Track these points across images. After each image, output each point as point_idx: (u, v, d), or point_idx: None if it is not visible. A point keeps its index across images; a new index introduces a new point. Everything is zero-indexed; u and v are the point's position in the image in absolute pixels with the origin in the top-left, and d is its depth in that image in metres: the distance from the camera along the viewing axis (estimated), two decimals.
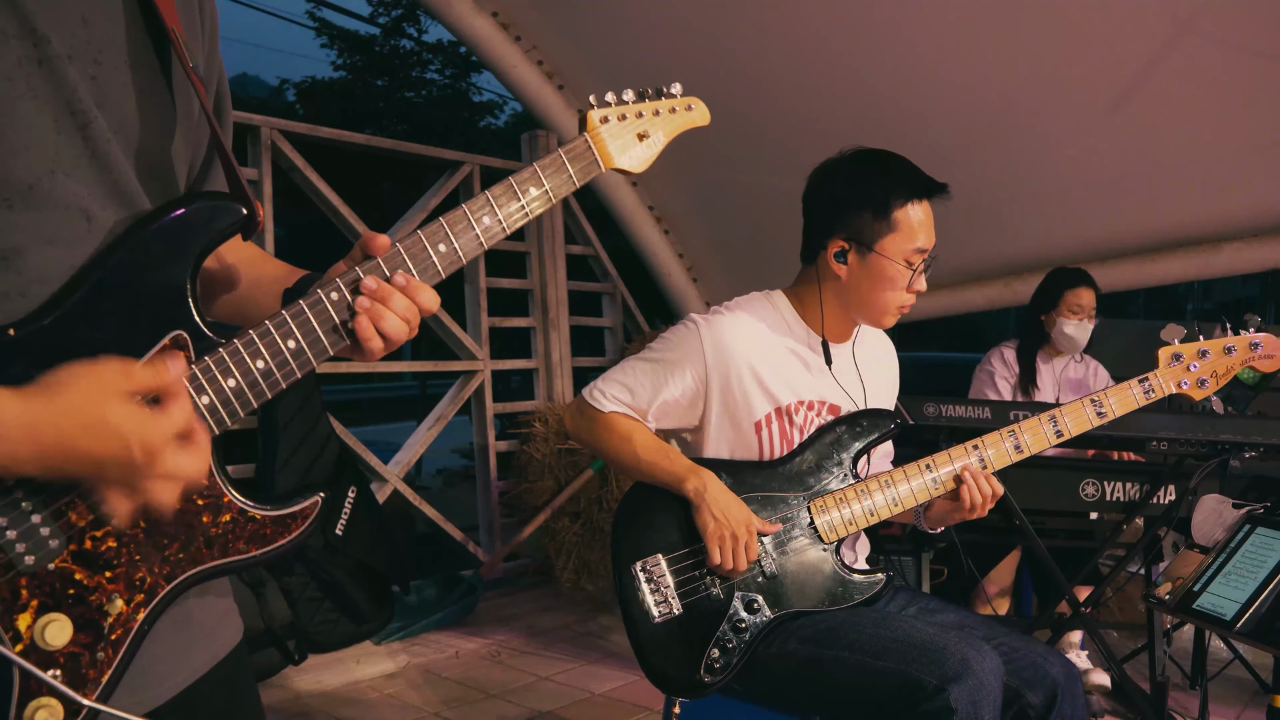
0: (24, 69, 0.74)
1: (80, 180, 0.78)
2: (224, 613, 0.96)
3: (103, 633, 0.76)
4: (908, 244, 1.66)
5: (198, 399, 0.79)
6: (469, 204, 0.92)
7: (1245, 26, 3.19)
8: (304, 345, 0.84)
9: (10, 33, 0.74)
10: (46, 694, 0.73)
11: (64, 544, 0.74)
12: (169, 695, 0.86)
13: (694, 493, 1.62)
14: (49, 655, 0.74)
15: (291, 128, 3.94)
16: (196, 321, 0.81)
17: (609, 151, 1.02)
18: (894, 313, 1.72)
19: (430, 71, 19.46)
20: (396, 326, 0.87)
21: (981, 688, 1.43)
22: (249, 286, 0.98)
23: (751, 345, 1.71)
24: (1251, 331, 1.71)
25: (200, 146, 0.95)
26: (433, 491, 7.15)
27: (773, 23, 3.81)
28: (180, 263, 0.80)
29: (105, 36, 0.80)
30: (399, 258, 0.88)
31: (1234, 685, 3.00)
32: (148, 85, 0.83)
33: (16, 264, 0.75)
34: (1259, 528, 1.74)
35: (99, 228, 0.79)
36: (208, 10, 0.94)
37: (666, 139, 1.07)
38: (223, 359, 0.81)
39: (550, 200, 0.96)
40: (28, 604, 0.73)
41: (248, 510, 0.84)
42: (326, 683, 3.28)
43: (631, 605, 1.63)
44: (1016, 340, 3.42)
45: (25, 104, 0.75)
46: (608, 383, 1.75)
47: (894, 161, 1.69)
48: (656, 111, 1.06)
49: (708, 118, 1.11)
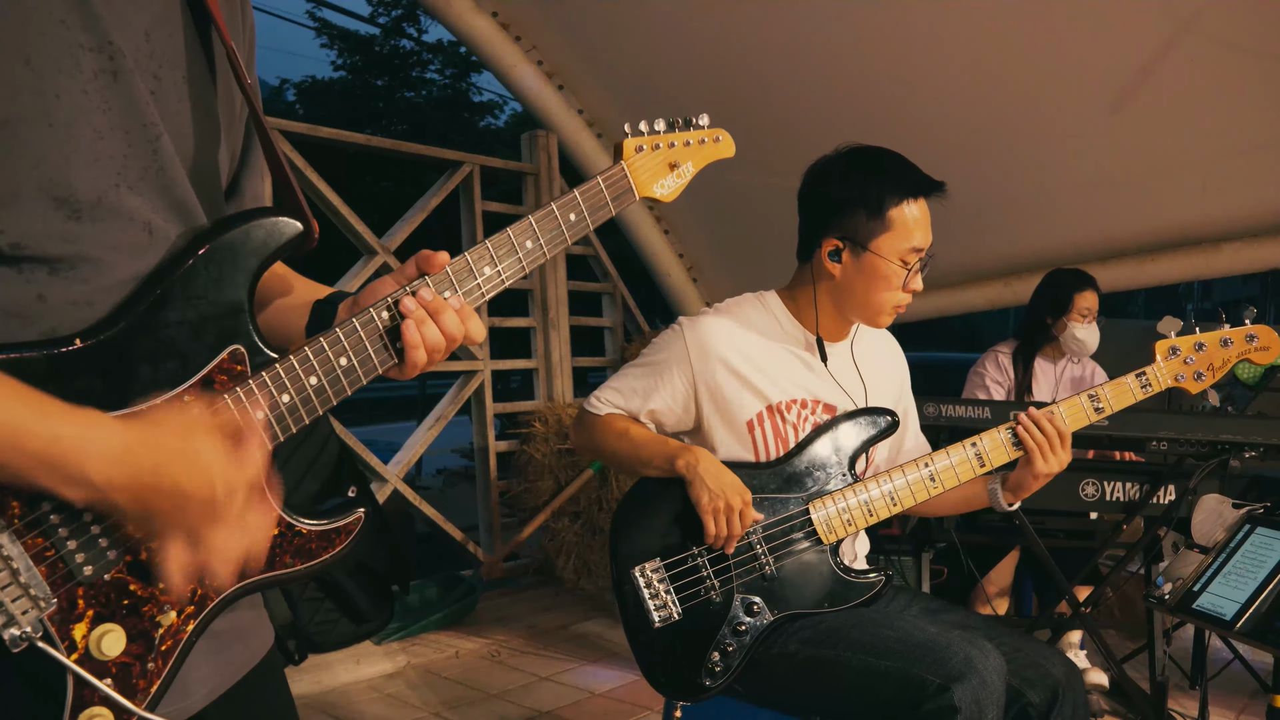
0: (99, 82, 0.75)
1: (143, 193, 0.79)
2: (257, 620, 0.97)
3: (154, 643, 0.77)
4: (903, 243, 1.64)
5: (253, 414, 0.81)
6: (513, 228, 0.94)
7: (1245, 26, 3.19)
8: (355, 363, 0.85)
9: (87, 45, 0.74)
10: (100, 703, 0.74)
11: (120, 555, 0.75)
12: (206, 701, 0.87)
13: (686, 468, 1.61)
14: (103, 665, 0.74)
15: (291, 128, 3.93)
16: (253, 336, 0.82)
17: (642, 180, 1.04)
18: (889, 312, 1.70)
19: (430, 71, 19.45)
20: (436, 338, 0.87)
21: (985, 686, 1.42)
22: (284, 300, 0.99)
23: (737, 345, 1.71)
24: (1248, 324, 1.70)
25: (236, 152, 0.96)
26: (433, 491, 7.15)
27: (773, 22, 3.81)
28: (239, 278, 0.81)
29: (165, 50, 0.80)
30: (446, 279, 0.89)
31: (1234, 685, 3.00)
32: (200, 98, 0.84)
33: (84, 272, 0.76)
34: (1259, 528, 1.74)
35: (160, 239, 0.80)
36: (249, 23, 0.95)
37: (696, 169, 1.10)
38: (279, 374, 0.82)
39: (588, 227, 0.99)
40: (84, 614, 0.74)
41: (295, 525, 0.85)
42: (326, 683, 3.28)
43: (631, 610, 1.63)
44: (1013, 342, 3.41)
45: (98, 117, 0.75)
46: (603, 390, 1.79)
47: (889, 159, 1.67)
48: (687, 142, 1.09)
49: (733, 149, 1.13)
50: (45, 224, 0.73)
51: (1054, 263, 3.70)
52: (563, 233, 0.96)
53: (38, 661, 0.71)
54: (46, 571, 0.71)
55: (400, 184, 13.01)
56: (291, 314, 0.95)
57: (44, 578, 0.71)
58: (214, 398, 0.79)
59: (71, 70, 0.73)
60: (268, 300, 0.98)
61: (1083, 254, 4.22)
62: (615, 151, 1.04)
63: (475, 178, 4.52)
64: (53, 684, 0.72)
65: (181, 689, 0.82)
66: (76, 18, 0.73)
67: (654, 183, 1.06)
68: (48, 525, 0.71)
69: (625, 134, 1.05)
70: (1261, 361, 1.70)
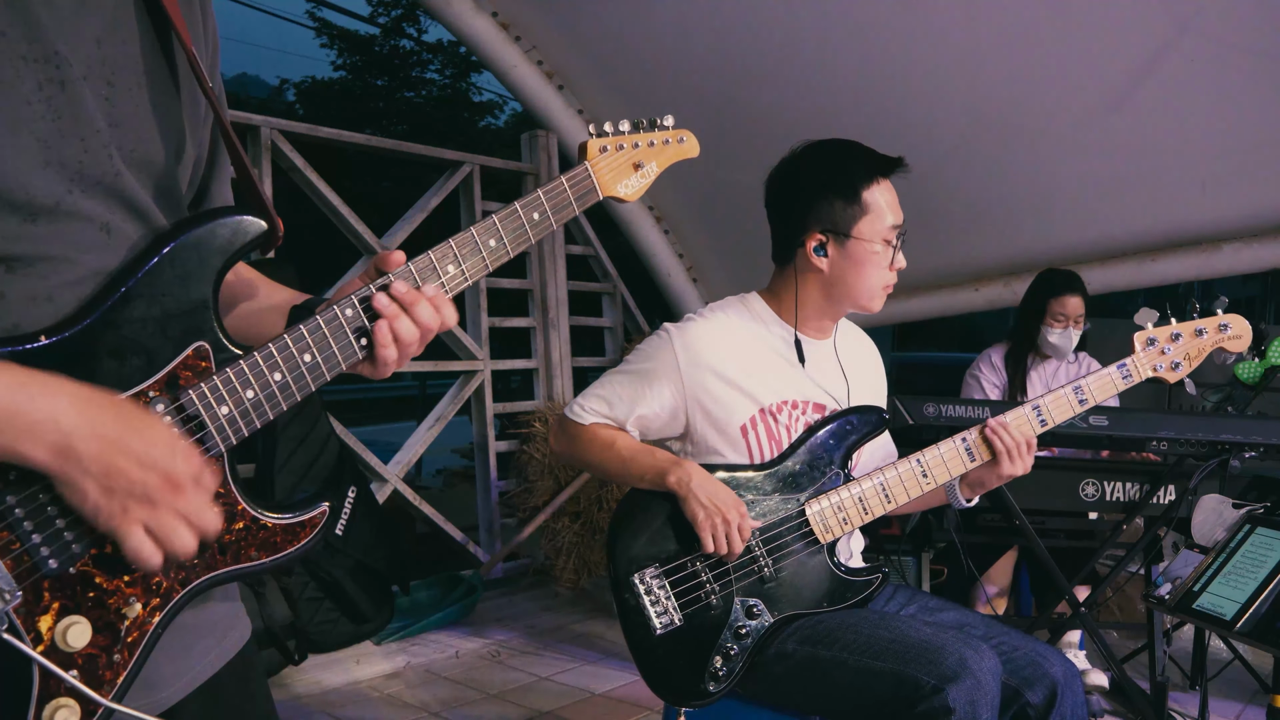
0: (44, 91, 0.75)
1: (98, 197, 0.79)
2: (233, 613, 0.98)
3: (119, 635, 0.78)
4: (881, 223, 1.68)
5: (218, 409, 0.82)
6: (476, 227, 0.95)
7: (1245, 26, 3.19)
8: (319, 360, 0.87)
9: (31, 56, 0.75)
10: (66, 694, 0.75)
11: (85, 548, 0.76)
12: (182, 694, 0.88)
13: (678, 483, 1.61)
14: (68, 656, 0.75)
15: (291, 128, 3.94)
16: (218, 333, 0.83)
17: (606, 180, 1.07)
18: (880, 294, 1.74)
19: (430, 71, 19.47)
20: (410, 332, 0.88)
21: (979, 687, 1.43)
22: (255, 304, 0.99)
23: (727, 349, 1.71)
24: (1220, 314, 1.75)
25: (201, 157, 0.96)
26: (433, 491, 7.14)
27: (772, 22, 3.81)
28: (204, 275, 0.83)
29: (118, 56, 0.81)
30: (409, 276, 0.90)
31: (1234, 685, 3.01)
32: (159, 103, 0.85)
33: (42, 270, 0.76)
34: (1259, 528, 1.74)
35: (118, 238, 0.81)
36: (210, 26, 0.95)
37: (659, 169, 1.13)
38: (243, 371, 0.83)
39: (552, 226, 1.00)
40: (49, 606, 0.74)
41: (260, 519, 0.86)
42: (326, 683, 3.28)
43: (632, 616, 1.62)
44: (1007, 344, 3.42)
45: (45, 125, 0.76)
46: (586, 398, 1.76)
47: (851, 147, 1.71)
48: (651, 143, 1.12)
49: (698, 150, 1.17)
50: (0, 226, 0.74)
51: (1054, 262, 3.71)
52: (526, 231, 0.98)
53: (3, 653, 0.72)
54: (11, 564, 0.72)
55: (400, 184, 13.02)
56: (267, 317, 0.96)
57: (9, 570, 0.72)
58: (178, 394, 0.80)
59: (12, 81, 0.74)
60: (235, 302, 0.98)
61: (1083, 254, 4.22)
62: (580, 151, 1.07)
63: (475, 178, 4.52)
64: (18, 676, 0.73)
65: (151, 681, 0.83)
66: (17, 29, 0.73)
67: (618, 183, 1.08)
68: (12, 519, 0.72)
69: (590, 134, 1.07)
70: (1235, 349, 1.76)
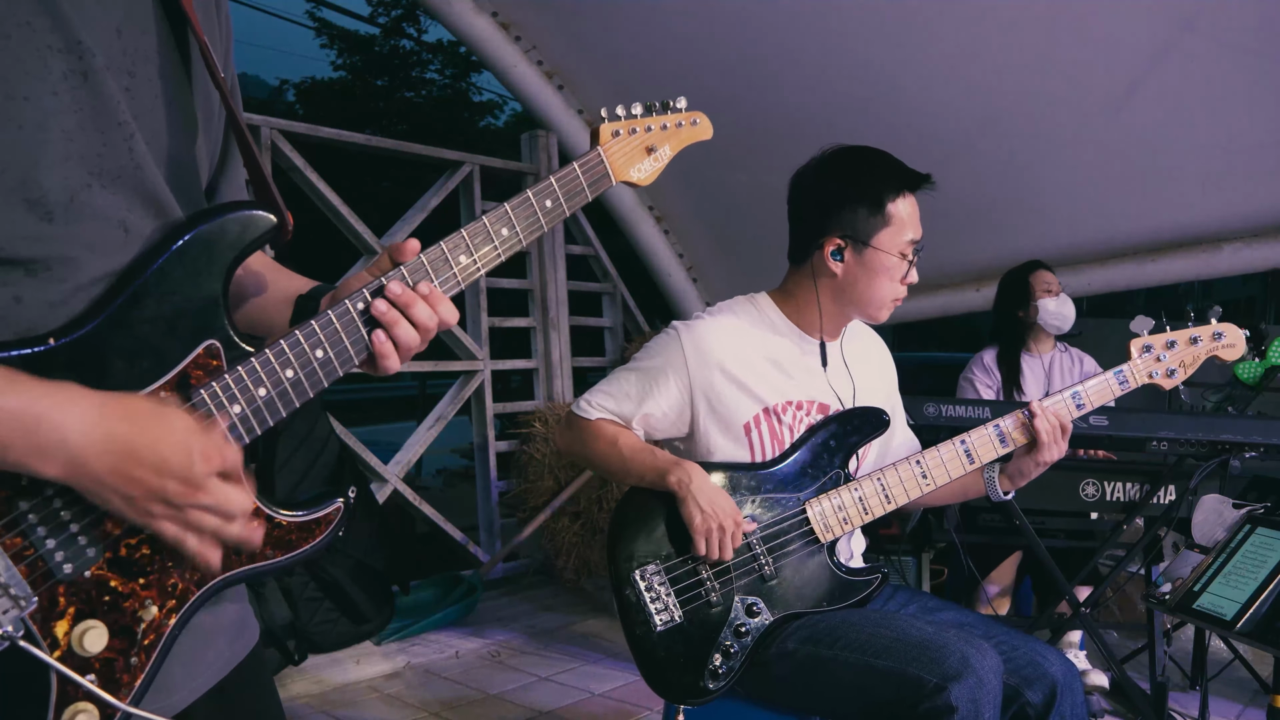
0: (69, 82, 0.75)
1: (117, 191, 0.78)
2: (243, 615, 0.97)
3: (136, 638, 0.77)
4: (901, 237, 1.68)
5: (230, 408, 0.80)
6: (488, 215, 0.93)
7: (1245, 26, 3.18)
8: (331, 355, 0.85)
9: (56, 46, 0.74)
10: (83, 698, 0.74)
11: (100, 552, 0.75)
12: (194, 696, 0.87)
13: (678, 484, 1.61)
14: (85, 661, 0.75)
15: (291, 128, 3.94)
16: (229, 331, 0.82)
17: (619, 165, 1.03)
18: (889, 306, 1.74)
19: (430, 71, 19.47)
20: (409, 334, 0.86)
21: (982, 686, 1.42)
22: (264, 295, 0.98)
23: (734, 348, 1.71)
24: (1214, 322, 1.77)
25: (215, 151, 0.95)
26: (433, 491, 7.15)
27: (772, 22, 3.81)
28: (214, 272, 0.81)
29: (138, 47, 0.80)
30: (422, 268, 0.88)
31: (1234, 685, 3.00)
32: (175, 95, 0.84)
33: (60, 273, 0.75)
34: (1259, 528, 1.74)
35: (136, 236, 0.80)
36: (224, 18, 0.95)
37: (673, 153, 1.09)
38: (254, 368, 0.82)
39: (565, 213, 0.98)
40: (65, 611, 0.74)
41: (274, 517, 0.85)
42: (326, 683, 3.28)
43: (632, 613, 1.62)
44: (994, 348, 3.42)
45: (69, 117, 0.75)
46: (594, 394, 1.76)
47: (880, 157, 1.72)
48: (664, 126, 1.08)
49: (711, 132, 1.13)
50: (17, 227, 0.73)
51: (1054, 262, 3.70)
52: (539, 219, 0.95)
53: (21, 660, 0.71)
54: (26, 571, 0.71)
55: (400, 184, 13.02)
56: (274, 309, 0.94)
57: (24, 577, 0.71)
58: (190, 394, 0.79)
59: (39, 72, 0.73)
60: (247, 295, 0.97)
61: (1083, 254, 4.22)
62: (592, 137, 1.03)
63: (475, 178, 4.52)
64: (37, 682, 0.73)
65: (165, 685, 0.82)
66: (44, 19, 0.73)
67: (630, 167, 1.05)
68: (26, 525, 0.72)
69: (602, 119, 1.04)
70: (1229, 358, 1.78)
